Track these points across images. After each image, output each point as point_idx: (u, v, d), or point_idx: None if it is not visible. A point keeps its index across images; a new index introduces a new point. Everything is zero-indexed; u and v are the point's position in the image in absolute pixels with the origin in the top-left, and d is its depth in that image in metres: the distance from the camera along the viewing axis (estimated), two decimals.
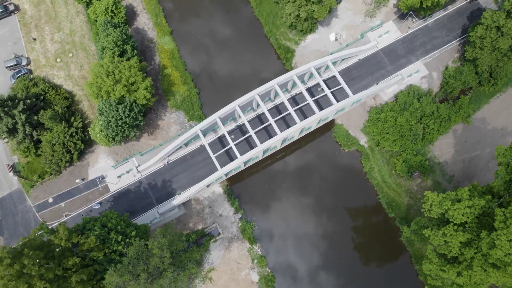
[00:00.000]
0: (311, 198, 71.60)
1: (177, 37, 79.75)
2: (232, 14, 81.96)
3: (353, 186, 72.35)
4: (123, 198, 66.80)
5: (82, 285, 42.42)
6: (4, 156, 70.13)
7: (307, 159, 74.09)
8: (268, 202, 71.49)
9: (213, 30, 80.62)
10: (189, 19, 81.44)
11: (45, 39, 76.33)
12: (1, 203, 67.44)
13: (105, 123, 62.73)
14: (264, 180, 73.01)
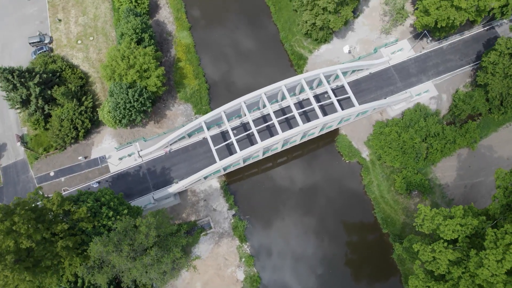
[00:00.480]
0: (306, 204, 71.39)
1: (195, 33, 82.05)
2: (250, 16, 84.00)
3: (350, 197, 71.93)
4: (122, 180, 67.96)
5: (66, 251, 43.14)
6: (15, 126, 72.51)
7: (306, 166, 74.22)
8: (263, 203, 71.55)
9: (230, 30, 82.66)
10: (208, 17, 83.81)
11: (69, 21, 79.57)
12: (5, 171, 69.39)
13: (114, 104, 64.48)
14: (262, 181, 73.33)
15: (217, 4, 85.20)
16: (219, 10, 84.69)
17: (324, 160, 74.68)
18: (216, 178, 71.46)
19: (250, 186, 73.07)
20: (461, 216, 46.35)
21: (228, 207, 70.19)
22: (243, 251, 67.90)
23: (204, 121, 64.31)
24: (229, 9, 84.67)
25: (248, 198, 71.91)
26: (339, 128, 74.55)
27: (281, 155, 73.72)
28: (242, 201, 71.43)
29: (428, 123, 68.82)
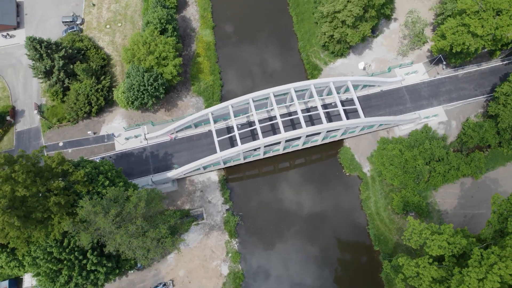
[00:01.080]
0: (300, 210, 71.31)
1: (217, 32, 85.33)
2: (273, 24, 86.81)
3: (345, 209, 71.44)
4: (124, 159, 70.03)
5: (58, 208, 44.75)
6: (35, 95, 76.36)
7: (306, 173, 74.59)
8: (257, 203, 71.93)
9: (251, 34, 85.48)
10: (232, 19, 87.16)
11: (102, 7, 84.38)
12: (19, 135, 72.76)
13: (129, 85, 67.33)
14: (260, 181, 74.02)
15: (243, 8, 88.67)
16: (244, 14, 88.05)
17: (325, 169, 74.87)
18: (216, 172, 72.59)
19: (248, 185, 73.80)
20: (450, 234, 45.61)
21: (223, 201, 70.89)
22: (231, 247, 68.00)
23: (211, 112, 66.16)
24: (254, 14, 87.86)
25: (244, 195, 72.51)
26: (344, 140, 74.95)
27: (283, 159, 74.44)
28: (237, 198, 72.04)
29: (433, 146, 68.41)
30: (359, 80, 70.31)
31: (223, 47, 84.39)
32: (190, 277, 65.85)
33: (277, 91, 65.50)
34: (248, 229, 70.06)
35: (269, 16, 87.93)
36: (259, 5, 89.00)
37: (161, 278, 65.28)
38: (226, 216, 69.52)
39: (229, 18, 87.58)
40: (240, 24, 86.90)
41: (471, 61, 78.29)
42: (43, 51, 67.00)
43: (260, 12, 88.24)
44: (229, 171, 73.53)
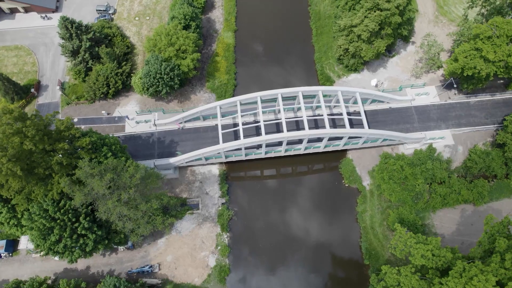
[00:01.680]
0: (294, 213, 71.49)
1: (238, 36, 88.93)
2: (292, 34, 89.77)
3: (339, 219, 71.13)
4: (132, 141, 72.82)
5: (59, 167, 47.26)
6: (61, 73, 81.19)
7: (305, 178, 75.31)
8: (253, 201, 72.71)
9: (271, 41, 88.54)
10: (254, 25, 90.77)
11: (135, 0, 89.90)
12: (40, 108, 77.09)
13: (146, 71, 70.86)
14: (258, 180, 75.03)
15: (266, 17, 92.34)
16: (266, 22, 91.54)
17: (324, 178, 75.27)
18: (217, 166, 74.21)
19: (246, 183, 74.93)
20: (436, 246, 45.09)
21: (220, 194, 72.08)
22: (221, 240, 68.60)
23: (219, 105, 68.50)
24: (276, 23, 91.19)
25: (241, 192, 73.55)
26: (347, 152, 75.42)
27: (283, 163, 75.36)
28: (234, 194, 73.12)
29: (435, 166, 67.88)
30: (368, 93, 71.35)
31: (242, 50, 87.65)
32: (177, 264, 66.59)
33: (285, 93, 67.33)
34: (241, 225, 70.64)
35: (290, 26, 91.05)
36: (282, 16, 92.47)
37: (148, 260, 66.32)
38: (221, 209, 70.50)
39: (251, 24, 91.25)
40: (261, 31, 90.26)
41: (484, 90, 78.19)
42: (73, 31, 71.83)
43: (282, 22, 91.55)
44: (230, 167, 74.99)
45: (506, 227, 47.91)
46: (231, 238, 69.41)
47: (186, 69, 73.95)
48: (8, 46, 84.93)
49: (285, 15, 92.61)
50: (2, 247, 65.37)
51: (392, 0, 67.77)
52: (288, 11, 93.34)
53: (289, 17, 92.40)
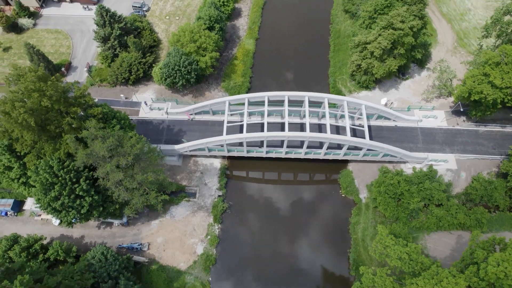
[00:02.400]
0: (287, 215, 72.27)
1: (259, 44, 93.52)
2: (311, 48, 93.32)
3: (331, 228, 71.13)
4: (143, 125, 76.95)
5: (69, 128, 51.34)
6: (90, 58, 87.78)
7: (303, 183, 76.37)
8: (248, 198, 74.22)
9: (289, 52, 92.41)
10: (275, 36, 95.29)
11: (168, 2, 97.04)
12: None
13: (166, 62, 75.83)
14: (256, 179, 76.68)
15: (288, 29, 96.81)
16: (288, 34, 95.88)
17: (322, 185, 76.08)
18: (220, 159, 76.77)
19: (245, 180, 76.75)
20: (415, 251, 45.02)
21: (218, 187, 74.16)
22: (212, 230, 70.08)
23: (228, 100, 71.88)
24: (296, 36, 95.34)
25: (238, 188, 75.38)
26: (348, 164, 76.23)
27: (284, 166, 76.71)
28: (231, 188, 75.02)
29: (433, 187, 67.34)
30: (374, 107, 72.78)
31: (260, 57, 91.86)
32: (166, 246, 68.37)
33: (292, 95, 69.99)
34: (233, 219, 72.00)
35: (309, 41, 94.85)
36: (303, 30, 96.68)
37: (140, 239, 68.53)
38: (217, 201, 72.37)
39: (273, 34, 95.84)
40: (281, 42, 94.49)
41: (495, 121, 77.84)
42: (107, 19, 78.42)
43: (303, 36, 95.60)
44: (232, 163, 77.31)
45: (493, 245, 47.16)
46: (222, 230, 70.75)
47: (203, 65, 78.41)
48: (50, 29, 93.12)
49: (307, 30, 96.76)
50: (9, 205, 69.74)
51: (406, 21, 70.29)
52: (310, 27, 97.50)
53: (310, 32, 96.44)
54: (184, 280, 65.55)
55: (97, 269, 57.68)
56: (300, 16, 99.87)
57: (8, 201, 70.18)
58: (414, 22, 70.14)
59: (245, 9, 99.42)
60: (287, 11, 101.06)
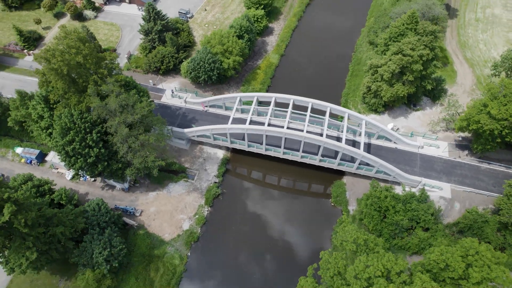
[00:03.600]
0: (274, 213, 74.94)
1: (283, 59, 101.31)
2: (330, 71, 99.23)
3: (314, 232, 72.58)
4: (163, 109, 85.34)
5: (93, 84, 60.13)
6: (133, 48, 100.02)
7: (295, 186, 79.33)
8: (242, 190, 78.26)
9: (309, 70, 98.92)
10: (300, 55, 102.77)
11: (210, 13, 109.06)
12: None
13: (193, 57, 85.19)
14: (252, 174, 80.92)
15: (312, 51, 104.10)
16: (311, 54, 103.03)
17: (313, 192, 78.49)
18: (223, 151, 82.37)
19: (242, 173, 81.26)
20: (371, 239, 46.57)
21: (216, 174, 79.20)
22: (201, 211, 74.38)
23: (240, 96, 78.66)
24: (319, 58, 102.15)
25: (234, 179, 79.95)
26: (343, 176, 78.43)
27: (281, 168, 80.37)
28: (228, 178, 79.75)
29: (420, 208, 67.46)
30: (375, 124, 75.68)
31: (282, 70, 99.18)
32: (156, 216, 73.43)
33: (297, 100, 75.30)
34: (223, 205, 75.95)
35: (330, 64, 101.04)
36: (327, 54, 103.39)
37: (135, 205, 74.35)
38: (212, 186, 77.17)
39: (298, 53, 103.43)
40: (304, 61, 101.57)
41: (501, 161, 77.12)
42: (152, 15, 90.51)
43: (325, 59, 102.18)
44: (234, 156, 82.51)
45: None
46: (210, 213, 74.79)
47: (226, 66, 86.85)
48: (106, 22, 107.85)
49: (330, 55, 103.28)
50: (35, 154, 79.37)
51: (416, 49, 74.54)
52: (334, 52, 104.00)
53: (332, 57, 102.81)
54: (165, 249, 69.52)
55: (90, 217, 63.84)
56: (326, 42, 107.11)
57: (35, 151, 79.87)
58: (424, 51, 74.11)
59: (277, 29, 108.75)
60: (315, 36, 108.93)
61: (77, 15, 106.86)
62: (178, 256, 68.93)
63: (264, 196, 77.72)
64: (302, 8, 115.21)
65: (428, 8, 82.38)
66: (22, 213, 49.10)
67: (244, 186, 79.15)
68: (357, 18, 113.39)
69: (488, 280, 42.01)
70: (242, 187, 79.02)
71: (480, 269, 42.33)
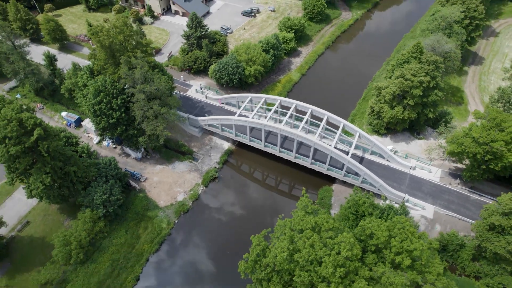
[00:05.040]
0: (261, 204, 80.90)
1: (303, 78, 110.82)
2: (345, 93, 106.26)
3: None
4: (186, 100, 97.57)
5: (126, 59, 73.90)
6: (175, 50, 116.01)
7: (286, 186, 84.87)
8: (237, 179, 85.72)
9: (324, 90, 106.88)
10: (319, 77, 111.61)
11: (247, 31, 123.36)
12: None
13: (219, 61, 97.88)
14: (249, 168, 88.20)
15: (333, 74, 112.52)
16: (331, 77, 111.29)
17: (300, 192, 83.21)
18: (229, 143, 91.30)
19: (241, 164, 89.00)
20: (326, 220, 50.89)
21: (218, 161, 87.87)
22: (196, 188, 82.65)
23: (251, 96, 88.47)
24: (337, 80, 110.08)
25: (232, 168, 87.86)
26: (333, 184, 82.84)
27: (277, 168, 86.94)
28: (227, 166, 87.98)
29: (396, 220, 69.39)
30: (368, 137, 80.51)
31: (300, 87, 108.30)
32: (157, 185, 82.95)
33: (299, 105, 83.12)
34: (216, 187, 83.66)
35: (346, 88, 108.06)
36: (345, 79, 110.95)
37: (142, 172, 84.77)
38: (211, 169, 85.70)
39: (318, 75, 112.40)
40: (322, 82, 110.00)
41: (494, 196, 76.95)
42: (195, 23, 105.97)
43: (342, 83, 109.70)
44: (237, 150, 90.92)
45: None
46: (204, 192, 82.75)
47: (247, 73, 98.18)
48: (159, 27, 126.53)
49: (348, 80, 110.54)
50: (74, 119, 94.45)
51: (417, 75, 79.95)
52: (352, 79, 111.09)
53: (350, 83, 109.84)
54: (157, 213, 78.05)
55: (100, 168, 75.11)
56: (348, 69, 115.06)
57: (75, 116, 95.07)
58: (424, 78, 79.15)
59: (305, 52, 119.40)
60: (338, 63, 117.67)
61: (138, 19, 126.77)
62: (167, 221, 76.93)
63: (256, 188, 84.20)
64: (332, 39, 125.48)
65: (438, 43, 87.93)
66: (47, 141, 61.32)
67: (240, 177, 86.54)
68: (383, 53, 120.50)
69: (408, 252, 44.33)
70: (237, 176, 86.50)
71: (401, 238, 45.08)
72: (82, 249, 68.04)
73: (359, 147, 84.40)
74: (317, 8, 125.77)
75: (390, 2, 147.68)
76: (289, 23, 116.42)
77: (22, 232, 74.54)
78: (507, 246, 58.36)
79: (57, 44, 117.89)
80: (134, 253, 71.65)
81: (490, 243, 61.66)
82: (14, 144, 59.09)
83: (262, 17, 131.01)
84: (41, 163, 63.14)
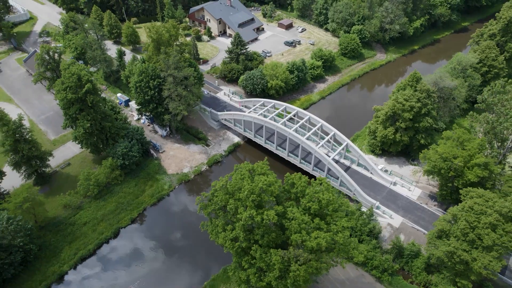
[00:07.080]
0: None
1: (321, 100, 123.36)
2: (356, 116, 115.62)
3: None
4: (213, 99, 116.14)
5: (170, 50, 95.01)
6: (218, 62, 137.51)
7: None
8: None
9: (337, 110, 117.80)
10: (336, 102, 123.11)
11: (284, 57, 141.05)
12: None
13: (247, 72, 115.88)
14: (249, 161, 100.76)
15: (350, 100, 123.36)
16: (347, 102, 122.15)
17: None
18: (239, 138, 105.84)
19: (243, 156, 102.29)
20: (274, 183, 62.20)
21: (225, 150, 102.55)
22: (201, 166, 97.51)
23: (264, 100, 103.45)
24: (352, 106, 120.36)
25: (235, 158, 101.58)
26: None
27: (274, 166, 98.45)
28: (232, 155, 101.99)
29: (360, 223, 75.62)
30: (356, 149, 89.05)
31: (316, 106, 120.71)
32: (171, 158, 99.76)
33: (300, 111, 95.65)
34: (217, 169, 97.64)
35: (359, 113, 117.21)
36: (360, 106, 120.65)
37: (163, 145, 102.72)
38: (217, 155, 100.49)
39: (336, 99, 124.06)
40: (337, 104, 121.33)
41: None
42: (237, 41, 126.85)
43: (357, 108, 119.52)
44: (244, 145, 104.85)
45: None
46: (206, 170, 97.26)
47: (269, 86, 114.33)
48: (212, 44, 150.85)
49: (363, 107, 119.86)
50: (125, 99, 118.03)
51: (409, 100, 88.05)
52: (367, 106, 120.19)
53: (364, 109, 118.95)
54: (163, 177, 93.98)
55: (129, 132, 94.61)
56: (365, 98, 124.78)
57: (125, 97, 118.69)
58: (415, 104, 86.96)
59: (330, 80, 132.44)
60: (358, 93, 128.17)
61: (197, 37, 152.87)
62: (169, 185, 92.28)
63: None
64: (359, 73, 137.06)
65: (440, 79, 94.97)
66: (94, 95, 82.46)
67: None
68: None
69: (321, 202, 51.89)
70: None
71: (314, 189, 53.38)
72: (98, 187, 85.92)
73: (347, 157, 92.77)
74: (351, 46, 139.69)
75: (427, 50, 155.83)
76: (320, 53, 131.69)
77: (64, 169, 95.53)
78: (445, 248, 62.00)
79: (131, 46, 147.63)
80: (136, 202, 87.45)
81: (435, 249, 65.42)
82: (72, 92, 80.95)
83: (301, 48, 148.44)
84: (86, 112, 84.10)
